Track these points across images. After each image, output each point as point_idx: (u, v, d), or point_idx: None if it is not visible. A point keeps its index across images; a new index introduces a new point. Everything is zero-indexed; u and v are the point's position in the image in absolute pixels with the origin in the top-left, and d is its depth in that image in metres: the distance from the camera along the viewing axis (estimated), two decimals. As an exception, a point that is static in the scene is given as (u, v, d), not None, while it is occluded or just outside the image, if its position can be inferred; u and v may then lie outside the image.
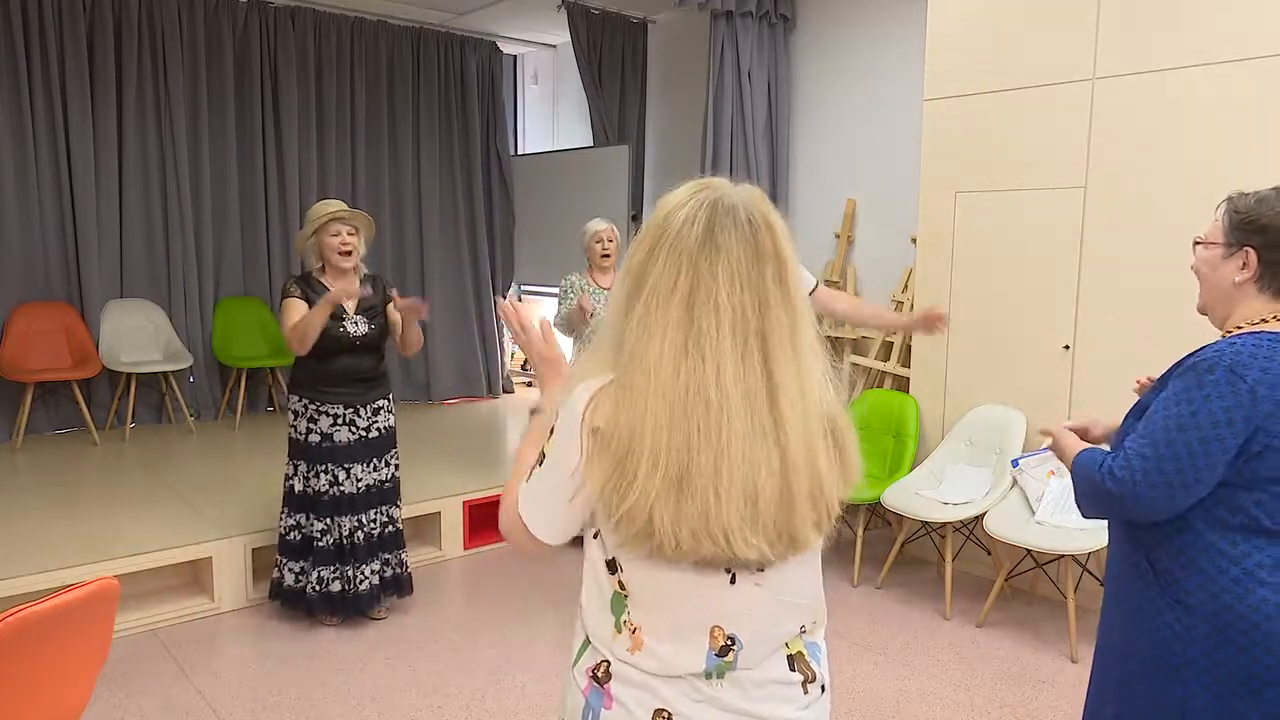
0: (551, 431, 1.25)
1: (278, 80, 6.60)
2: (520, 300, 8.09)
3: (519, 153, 8.11)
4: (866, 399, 4.83)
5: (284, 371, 6.23)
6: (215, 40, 6.34)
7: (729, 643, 1.21)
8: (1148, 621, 1.63)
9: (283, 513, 3.68)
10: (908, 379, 4.75)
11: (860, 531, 4.30)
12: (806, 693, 1.28)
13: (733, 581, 1.20)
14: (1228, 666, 1.55)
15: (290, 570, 3.66)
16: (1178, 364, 1.65)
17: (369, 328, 3.60)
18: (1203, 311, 1.75)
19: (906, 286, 5.10)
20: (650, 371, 1.14)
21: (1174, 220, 3.67)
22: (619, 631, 1.24)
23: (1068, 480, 3.76)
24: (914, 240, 4.72)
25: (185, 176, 6.23)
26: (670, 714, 1.21)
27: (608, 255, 4.34)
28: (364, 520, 3.66)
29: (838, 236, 5.68)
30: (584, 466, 1.19)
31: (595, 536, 1.27)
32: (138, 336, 6.02)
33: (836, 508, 1.22)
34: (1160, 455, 1.54)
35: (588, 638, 1.29)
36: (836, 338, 5.50)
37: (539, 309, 7.85)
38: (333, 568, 3.63)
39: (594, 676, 1.25)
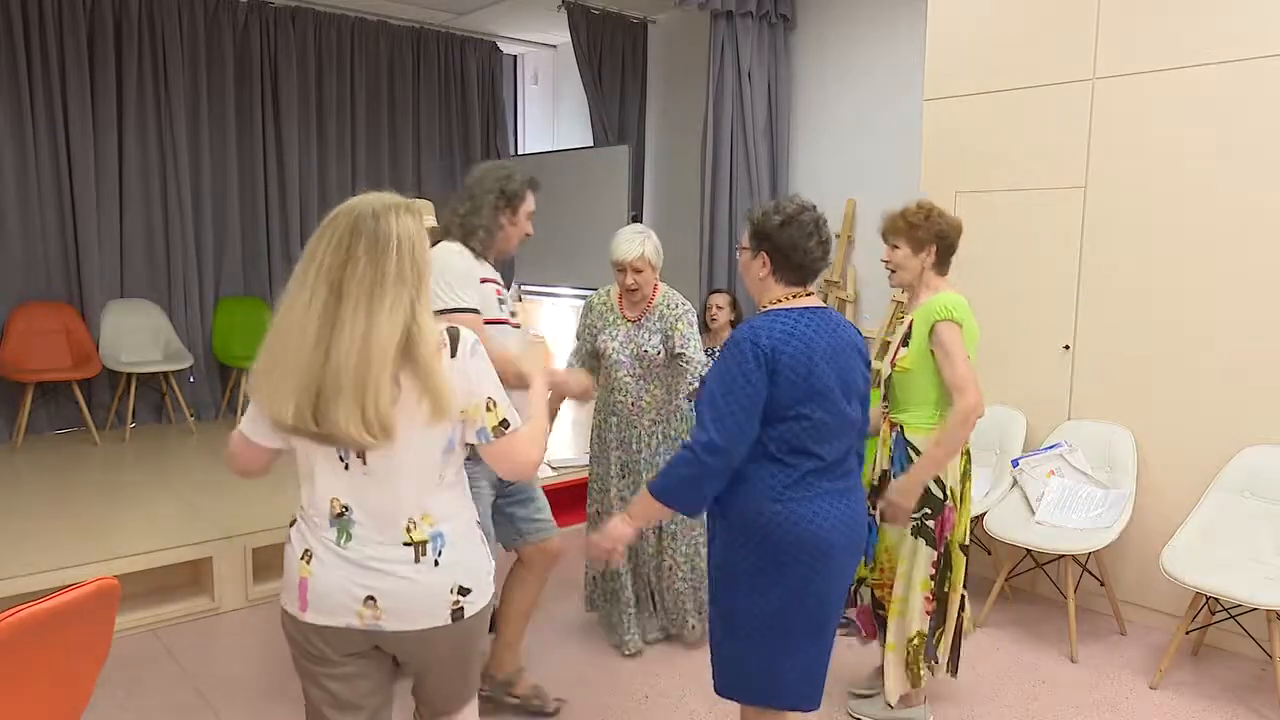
0: None
1: (278, 80, 6.60)
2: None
3: (519, 153, 8.11)
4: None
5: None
6: (215, 40, 6.34)
7: (344, 510, 1.71)
8: (716, 541, 2.13)
9: None
10: (908, 379, 4.73)
11: (860, 531, 4.29)
12: (419, 561, 1.71)
13: (347, 468, 1.69)
14: (765, 564, 2.04)
15: None
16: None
17: None
18: (749, 295, 2.28)
19: (906, 286, 5.10)
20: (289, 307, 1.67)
21: (1174, 220, 3.67)
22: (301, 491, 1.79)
23: (1068, 480, 3.77)
24: (914, 240, 4.72)
25: (185, 176, 6.24)
26: (312, 554, 1.72)
27: (634, 289, 3.31)
28: None
29: (838, 236, 5.68)
30: None
31: None
32: (138, 336, 6.03)
33: (389, 420, 1.60)
34: (720, 414, 1.97)
35: None
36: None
37: (535, 311, 7.84)
38: None
39: (291, 522, 1.80)
